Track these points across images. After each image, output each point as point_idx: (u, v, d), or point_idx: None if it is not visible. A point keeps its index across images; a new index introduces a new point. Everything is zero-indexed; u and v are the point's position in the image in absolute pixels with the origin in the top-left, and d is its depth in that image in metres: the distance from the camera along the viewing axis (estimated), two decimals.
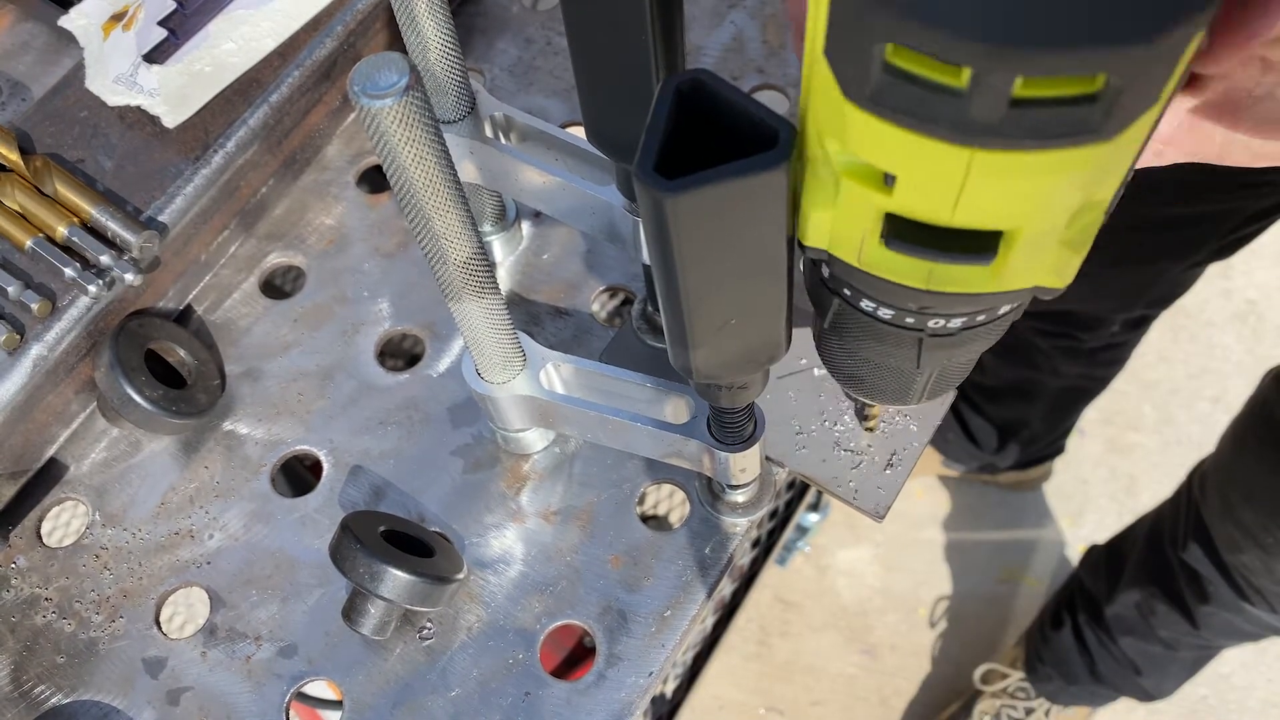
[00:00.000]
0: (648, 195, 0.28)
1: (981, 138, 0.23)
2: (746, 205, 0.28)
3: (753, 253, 0.31)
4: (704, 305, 0.33)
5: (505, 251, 0.67)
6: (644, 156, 0.27)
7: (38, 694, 0.57)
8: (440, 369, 0.64)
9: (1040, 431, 1.40)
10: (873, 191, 0.27)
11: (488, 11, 0.75)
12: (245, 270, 0.67)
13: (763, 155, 0.27)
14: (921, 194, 0.26)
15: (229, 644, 0.58)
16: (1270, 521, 0.94)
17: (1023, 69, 0.21)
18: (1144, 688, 1.25)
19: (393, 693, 0.56)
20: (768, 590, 1.52)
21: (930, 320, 0.34)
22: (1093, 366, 1.27)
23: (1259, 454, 0.96)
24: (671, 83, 0.28)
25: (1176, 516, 1.10)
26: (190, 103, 0.62)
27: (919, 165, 0.25)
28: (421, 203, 0.40)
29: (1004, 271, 0.29)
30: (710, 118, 0.29)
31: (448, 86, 0.53)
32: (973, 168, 0.24)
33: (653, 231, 0.29)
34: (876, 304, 0.34)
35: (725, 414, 0.48)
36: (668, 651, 0.56)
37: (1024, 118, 0.23)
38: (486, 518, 0.60)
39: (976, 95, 0.22)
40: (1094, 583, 1.25)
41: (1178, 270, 1.06)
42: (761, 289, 0.33)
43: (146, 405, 0.58)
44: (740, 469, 0.52)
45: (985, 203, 0.26)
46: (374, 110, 0.35)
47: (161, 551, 0.60)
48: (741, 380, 0.41)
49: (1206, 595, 1.05)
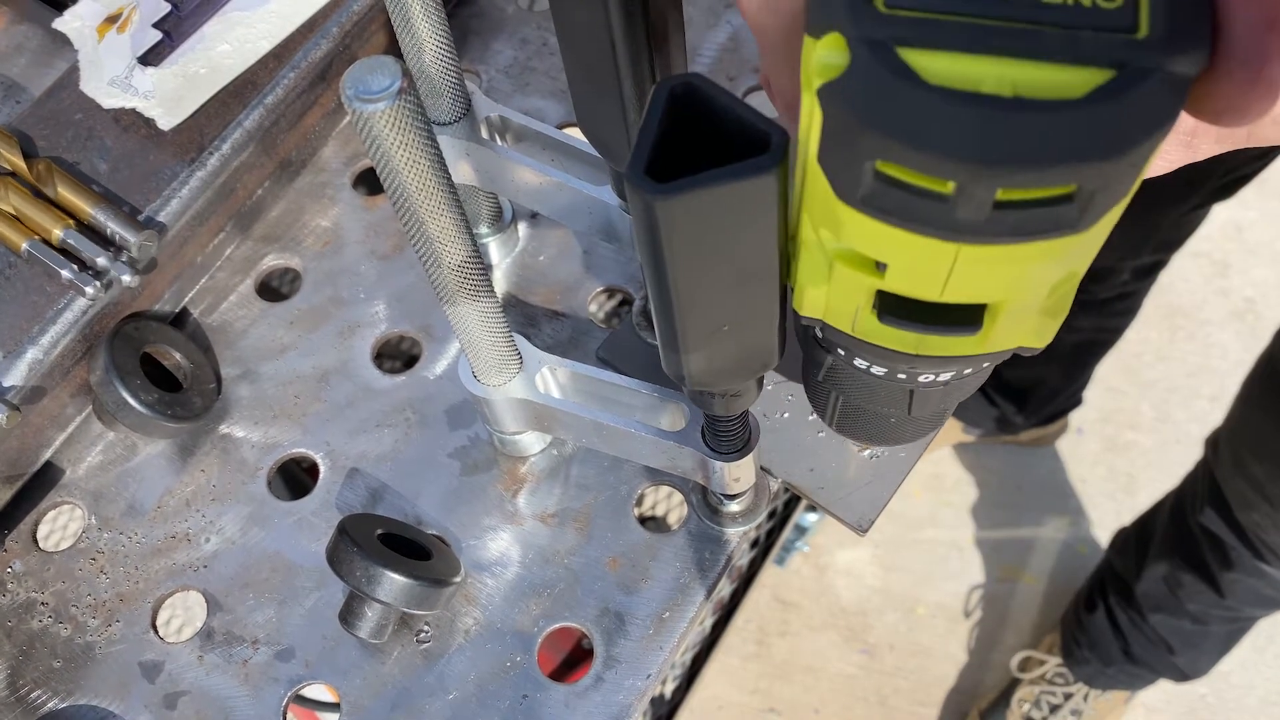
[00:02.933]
0: (638, 198, 0.27)
1: (967, 235, 0.25)
2: (738, 210, 0.28)
3: (744, 258, 0.31)
4: (696, 311, 0.33)
5: (502, 253, 0.66)
6: (635, 159, 0.27)
7: (34, 699, 0.57)
8: (437, 371, 0.64)
9: (1059, 386, 1.40)
10: (865, 275, 0.29)
11: (483, 13, 0.75)
12: (241, 272, 0.67)
13: (754, 160, 0.27)
14: (912, 279, 0.28)
15: (226, 647, 0.58)
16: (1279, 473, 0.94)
17: (1003, 183, 0.23)
18: (1179, 666, 1.25)
19: (390, 695, 0.56)
20: (766, 590, 1.52)
21: (921, 376, 0.36)
22: (1105, 317, 1.28)
23: (1266, 407, 0.96)
24: (664, 86, 0.28)
25: (1195, 484, 1.10)
26: (186, 105, 0.62)
27: (908, 256, 0.27)
28: (415, 206, 0.40)
29: (989, 338, 0.31)
30: (703, 122, 0.28)
31: (443, 88, 0.53)
32: (959, 258, 0.26)
33: (643, 235, 0.29)
34: (869, 363, 0.36)
35: (719, 422, 0.47)
36: (665, 653, 0.56)
37: (1006, 218, 0.24)
38: (484, 520, 0.60)
39: (962, 202, 0.24)
40: (1123, 563, 1.25)
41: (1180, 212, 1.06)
42: (754, 295, 0.33)
43: (142, 409, 0.58)
44: (734, 478, 0.52)
45: (971, 284, 0.28)
46: (366, 114, 0.35)
47: (158, 555, 0.60)
48: (735, 388, 0.41)
49: (1229, 561, 1.05)
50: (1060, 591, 1.50)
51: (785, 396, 0.59)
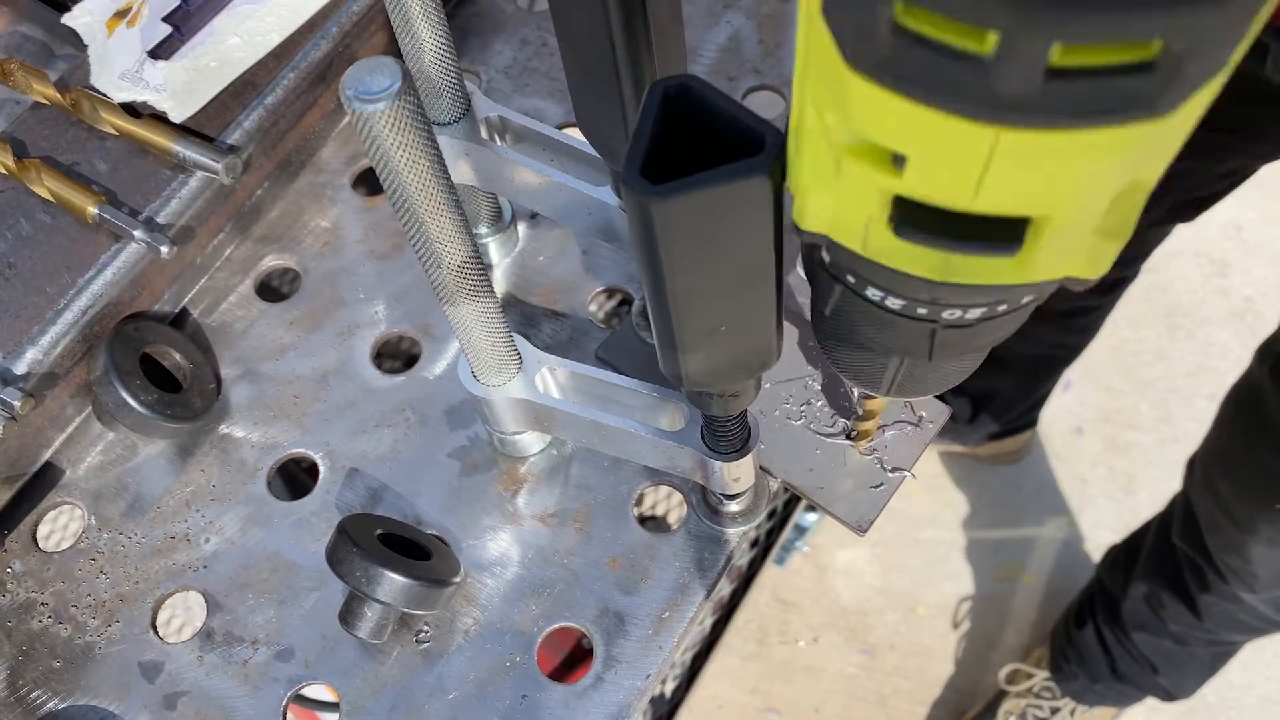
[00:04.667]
0: (633, 200, 0.27)
1: (1010, 115, 0.19)
2: (732, 210, 0.28)
3: (740, 259, 0.30)
4: (692, 311, 0.33)
5: (501, 253, 0.66)
6: (630, 161, 0.27)
7: (34, 699, 0.57)
8: (437, 371, 0.64)
9: (1013, 399, 1.40)
10: (880, 173, 0.23)
11: (483, 13, 0.75)
12: (241, 273, 0.67)
13: (747, 161, 0.27)
14: (937, 177, 0.22)
15: (226, 648, 0.58)
16: (1245, 490, 0.94)
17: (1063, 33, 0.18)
18: (1164, 687, 1.25)
19: (390, 695, 0.56)
20: (766, 590, 1.52)
21: (945, 311, 0.29)
22: (1064, 333, 1.27)
23: (1237, 425, 0.97)
24: (659, 87, 0.28)
25: (1174, 504, 1.10)
26: (197, 98, 0.62)
27: (934, 145, 0.21)
28: (415, 206, 0.40)
29: (1031, 262, 0.25)
30: (698, 123, 0.28)
31: (442, 88, 0.53)
32: (998, 149, 0.20)
33: (639, 236, 0.29)
34: (884, 293, 0.30)
35: (718, 422, 0.47)
36: (665, 653, 0.56)
37: (1063, 91, 0.19)
38: (483, 520, 0.60)
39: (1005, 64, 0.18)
40: (1111, 580, 1.25)
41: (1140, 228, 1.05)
42: (750, 295, 0.33)
43: (141, 409, 0.58)
44: (734, 478, 0.52)
45: (1012, 187, 0.22)
46: (366, 114, 0.35)
47: (158, 555, 0.60)
48: (733, 388, 0.41)
49: (1206, 584, 1.05)
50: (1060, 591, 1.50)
51: (785, 396, 0.59)
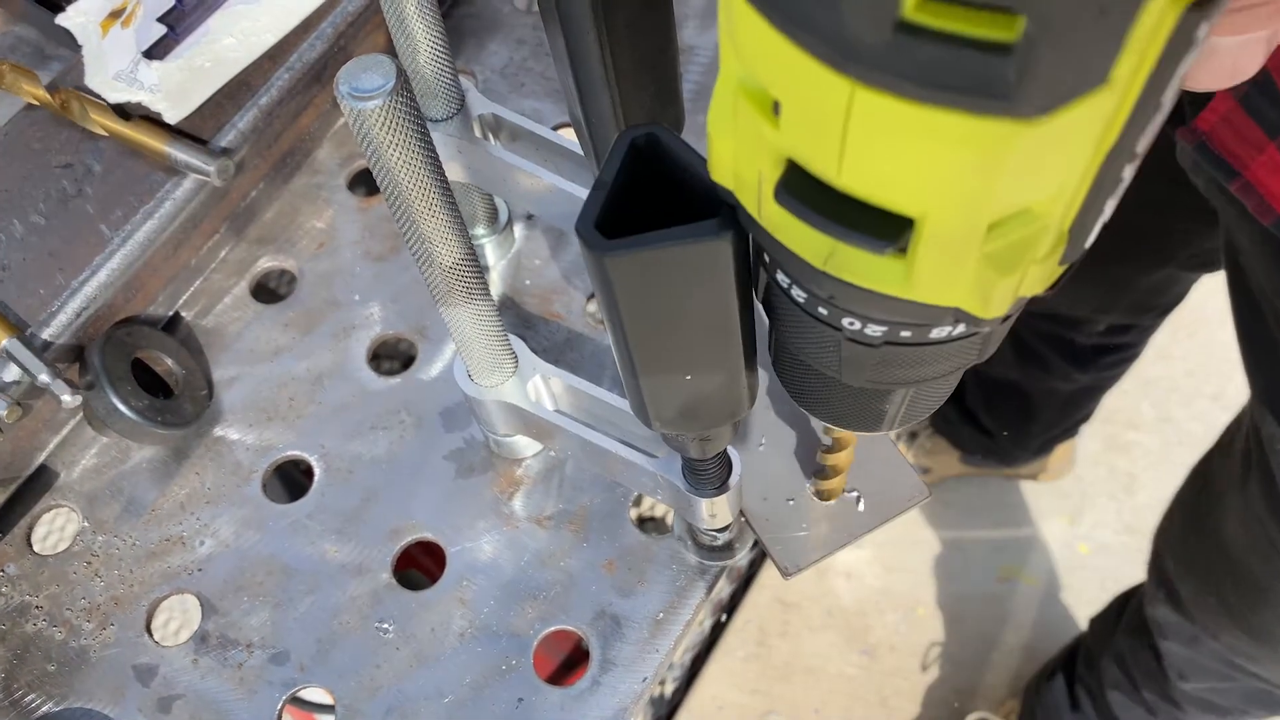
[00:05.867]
0: (585, 250, 0.27)
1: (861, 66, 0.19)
2: (687, 270, 0.27)
3: (699, 315, 0.30)
4: (653, 362, 0.32)
5: (497, 255, 0.66)
6: (586, 210, 0.27)
7: (28, 702, 0.57)
8: (432, 373, 0.64)
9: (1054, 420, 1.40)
10: (761, 119, 0.23)
11: (479, 13, 0.75)
12: (236, 275, 0.67)
13: (702, 224, 0.26)
14: (804, 133, 0.22)
15: (221, 651, 0.57)
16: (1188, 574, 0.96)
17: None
18: None
19: (385, 698, 0.56)
20: (766, 591, 1.51)
21: (845, 318, 0.29)
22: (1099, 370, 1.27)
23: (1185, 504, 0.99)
24: (627, 136, 0.28)
25: None
26: (192, 98, 0.62)
27: (798, 90, 0.21)
28: (409, 205, 0.40)
29: (914, 273, 0.24)
30: (663, 175, 0.28)
31: (437, 88, 0.52)
32: (854, 106, 0.20)
33: (596, 285, 0.29)
34: (790, 281, 0.30)
35: (696, 462, 0.46)
36: (662, 656, 0.56)
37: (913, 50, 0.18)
38: (479, 523, 0.59)
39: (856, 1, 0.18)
40: (1093, 638, 1.26)
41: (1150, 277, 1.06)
42: (713, 349, 0.32)
43: (132, 415, 0.58)
44: (710, 514, 0.51)
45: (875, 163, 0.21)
46: (360, 112, 0.35)
47: (152, 558, 0.60)
48: (704, 434, 0.39)
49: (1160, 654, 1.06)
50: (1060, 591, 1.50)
51: (759, 422, 0.57)
